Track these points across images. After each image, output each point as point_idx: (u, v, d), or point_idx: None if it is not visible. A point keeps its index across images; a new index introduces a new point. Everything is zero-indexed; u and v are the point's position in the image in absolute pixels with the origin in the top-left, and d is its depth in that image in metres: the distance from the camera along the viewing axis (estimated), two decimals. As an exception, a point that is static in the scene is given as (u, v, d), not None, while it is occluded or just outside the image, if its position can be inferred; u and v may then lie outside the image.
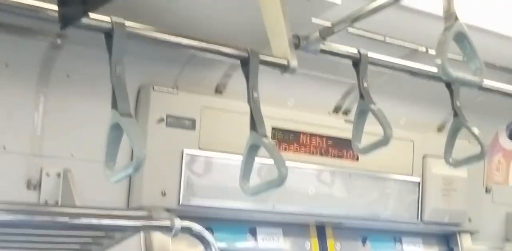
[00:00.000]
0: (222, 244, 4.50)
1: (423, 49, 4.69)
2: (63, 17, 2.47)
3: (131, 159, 2.44)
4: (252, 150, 2.88)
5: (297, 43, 3.20)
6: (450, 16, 2.80)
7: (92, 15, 2.54)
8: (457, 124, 3.63)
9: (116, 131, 2.51)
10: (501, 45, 4.62)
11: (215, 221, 4.55)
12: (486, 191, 5.92)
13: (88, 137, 3.92)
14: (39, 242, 3.58)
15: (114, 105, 2.51)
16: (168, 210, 4.08)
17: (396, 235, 5.45)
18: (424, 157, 5.40)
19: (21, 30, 3.68)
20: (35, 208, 3.72)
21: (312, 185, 4.84)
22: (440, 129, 5.60)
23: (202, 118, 4.36)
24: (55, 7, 2.49)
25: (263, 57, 2.95)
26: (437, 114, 5.47)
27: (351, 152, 4.86)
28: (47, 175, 3.95)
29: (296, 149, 4.79)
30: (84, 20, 2.52)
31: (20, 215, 3.48)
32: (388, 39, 4.53)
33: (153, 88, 4.23)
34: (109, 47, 2.59)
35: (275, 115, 4.63)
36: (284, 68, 3.00)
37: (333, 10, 3.72)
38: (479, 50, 2.83)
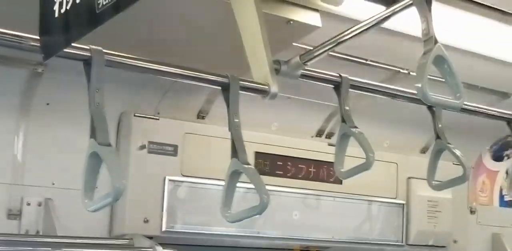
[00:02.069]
0: (207, 271, 4.48)
1: (405, 71, 4.70)
2: (45, 47, 2.45)
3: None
4: (234, 177, 2.85)
5: (277, 68, 3.19)
6: (429, 39, 2.79)
7: (70, 43, 2.53)
8: (439, 147, 3.61)
9: (94, 160, 2.47)
10: (482, 66, 4.63)
11: (199, 248, 4.53)
12: (471, 212, 5.91)
13: (69, 166, 3.89)
14: (21, 273, 3.55)
15: (93, 134, 2.48)
16: (151, 237, 4.05)
17: (382, 258, 5.43)
18: (408, 179, 5.40)
19: (1, 59, 3.66)
20: (16, 238, 3.69)
21: (296, 209, 4.82)
22: (423, 150, 5.61)
23: (184, 145, 4.35)
24: (36, 37, 2.47)
25: (243, 83, 2.93)
26: (420, 136, 5.47)
27: (335, 175, 4.84)
28: (28, 204, 3.92)
29: (279, 173, 4.78)
30: (62, 48, 2.50)
31: (1, 246, 3.45)
32: (369, 62, 4.54)
33: (135, 115, 4.22)
34: (88, 75, 2.56)
35: (258, 140, 4.63)
36: (265, 93, 2.98)
37: (314, 33, 3.72)
38: (459, 71, 2.82)
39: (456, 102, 2.79)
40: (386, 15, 3.06)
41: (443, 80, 2.88)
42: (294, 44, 3.92)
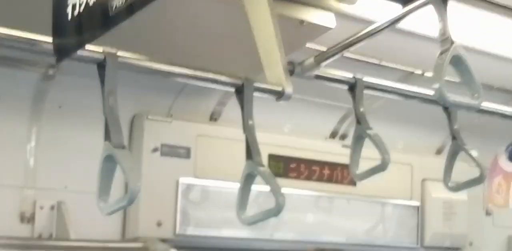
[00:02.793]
0: (221, 274, 4.47)
1: (419, 71, 4.68)
2: (59, 49, 2.43)
3: (126, 189, 2.39)
4: (249, 179, 2.83)
5: (291, 69, 3.16)
6: (446, 39, 2.76)
7: (84, 45, 2.51)
8: (455, 148, 3.58)
9: (109, 163, 2.45)
10: (498, 66, 4.61)
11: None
12: (487, 214, 5.87)
13: (81, 169, 3.88)
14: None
15: (107, 137, 2.45)
16: (164, 240, 4.03)
17: (397, 261, 5.40)
18: (423, 181, 5.37)
19: (13, 62, 3.66)
20: (30, 242, 3.69)
21: (310, 211, 4.80)
22: (438, 151, 5.58)
23: (197, 147, 4.33)
24: (49, 39, 2.45)
25: (257, 84, 2.90)
26: (435, 137, 5.45)
27: (349, 177, 4.82)
28: (41, 207, 3.92)
29: (293, 175, 4.76)
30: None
31: (14, 249, 3.45)
32: (384, 63, 4.52)
33: (147, 117, 4.21)
34: (102, 78, 2.54)
35: (271, 142, 4.60)
36: (279, 95, 2.96)
37: (327, 34, 3.70)
38: (476, 71, 2.80)
39: (474, 103, 2.76)
40: (401, 15, 3.04)
41: (457, 80, 2.86)
42: (307, 45, 3.89)
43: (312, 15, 3.64)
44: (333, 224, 4.91)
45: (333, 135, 5.06)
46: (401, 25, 3.22)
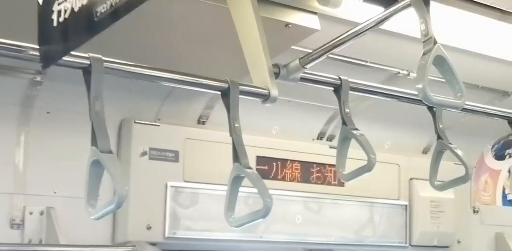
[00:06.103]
0: (211, 277, 4.47)
1: (405, 72, 4.70)
2: (45, 56, 2.44)
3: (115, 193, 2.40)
4: (236, 182, 2.84)
5: (277, 71, 3.18)
6: (428, 40, 2.78)
7: (69, 51, 2.52)
8: (440, 147, 3.60)
9: (96, 168, 2.46)
10: (481, 65, 4.63)
11: (202, 253, 4.52)
12: (474, 212, 5.89)
13: (70, 174, 3.88)
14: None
15: (94, 142, 2.47)
16: (154, 244, 4.03)
17: (386, 260, 5.42)
18: (410, 180, 5.39)
19: (0, 68, 3.66)
20: (20, 248, 3.69)
21: (299, 212, 4.81)
22: (425, 151, 5.61)
23: (185, 150, 4.34)
24: (35, 46, 2.45)
25: (243, 87, 2.92)
26: (421, 137, 5.47)
27: (337, 178, 4.84)
28: (30, 213, 3.91)
29: (281, 176, 4.77)
30: (62, 57, 2.49)
31: (4, 255, 3.45)
32: (369, 64, 4.53)
33: (135, 121, 4.21)
34: (88, 83, 2.55)
35: (259, 144, 4.62)
36: (265, 97, 2.97)
37: (312, 36, 3.71)
38: (459, 71, 2.82)
39: (458, 102, 2.78)
40: (384, 17, 3.05)
41: (443, 80, 2.88)
42: (293, 47, 3.90)
43: (297, 18, 3.65)
44: (322, 225, 4.92)
45: (320, 136, 5.07)
46: (386, 26, 3.24)
